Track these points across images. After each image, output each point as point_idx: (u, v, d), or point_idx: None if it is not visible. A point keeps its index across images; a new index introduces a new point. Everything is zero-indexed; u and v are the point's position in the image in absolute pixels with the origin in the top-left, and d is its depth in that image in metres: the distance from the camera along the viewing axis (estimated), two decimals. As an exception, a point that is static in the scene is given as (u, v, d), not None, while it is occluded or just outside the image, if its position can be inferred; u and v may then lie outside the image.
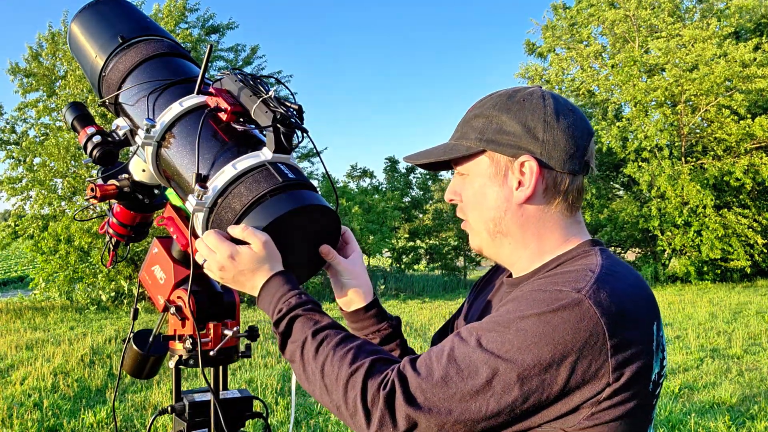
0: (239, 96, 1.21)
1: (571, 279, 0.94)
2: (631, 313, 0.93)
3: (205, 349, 1.28)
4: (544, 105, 1.04)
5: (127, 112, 1.37)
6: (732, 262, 14.98)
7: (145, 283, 1.40)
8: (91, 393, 5.75)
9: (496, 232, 1.08)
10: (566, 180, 1.05)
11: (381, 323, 1.28)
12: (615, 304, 0.90)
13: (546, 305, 0.90)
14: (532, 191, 1.04)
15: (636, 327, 0.92)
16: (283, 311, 1.07)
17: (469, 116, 1.10)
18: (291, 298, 1.08)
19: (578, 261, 1.02)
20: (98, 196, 1.38)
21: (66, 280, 12.88)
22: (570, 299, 0.89)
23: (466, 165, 1.09)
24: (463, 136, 1.09)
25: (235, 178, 1.15)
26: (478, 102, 1.11)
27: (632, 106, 15.92)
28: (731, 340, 7.84)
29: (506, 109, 1.05)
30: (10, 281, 23.12)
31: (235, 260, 1.11)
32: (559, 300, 0.90)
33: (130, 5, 1.53)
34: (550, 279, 0.96)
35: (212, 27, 15.31)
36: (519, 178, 1.04)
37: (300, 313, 1.06)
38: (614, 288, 0.93)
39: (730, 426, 4.72)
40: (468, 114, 1.11)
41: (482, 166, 1.07)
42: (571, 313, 0.88)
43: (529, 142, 1.03)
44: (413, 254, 18.60)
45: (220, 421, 1.28)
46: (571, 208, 1.07)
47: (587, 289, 0.91)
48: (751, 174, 14.76)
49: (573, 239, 1.08)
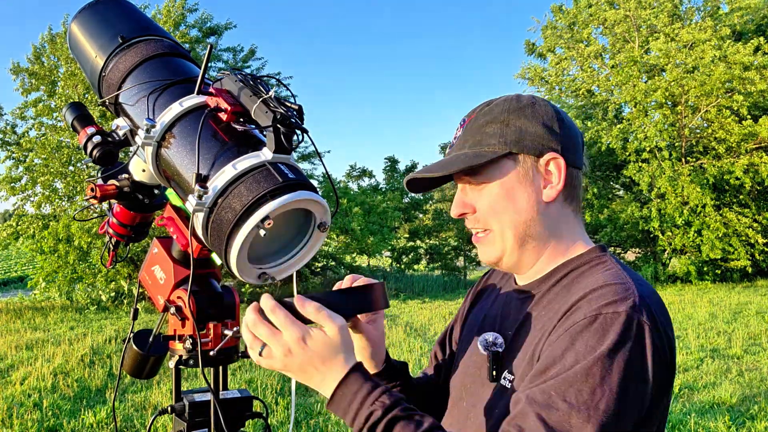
0: (239, 96, 1.21)
1: (616, 295, 0.93)
2: (666, 319, 0.97)
3: (205, 349, 1.28)
4: (551, 106, 1.10)
5: (127, 112, 1.37)
6: (732, 262, 14.98)
7: (145, 283, 1.40)
8: (91, 393, 5.75)
9: (525, 236, 1.07)
10: (580, 176, 1.10)
11: (389, 383, 1.26)
12: (658, 315, 0.94)
13: (613, 334, 0.89)
14: (563, 186, 1.06)
15: (669, 334, 0.96)
16: (378, 414, 0.91)
17: (480, 124, 1.09)
18: (382, 397, 0.92)
19: (597, 268, 1.04)
20: (98, 196, 1.38)
21: (66, 280, 12.89)
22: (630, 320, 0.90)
23: (485, 173, 1.07)
24: (479, 143, 1.08)
25: (235, 178, 1.15)
26: (480, 111, 1.11)
27: (632, 106, 15.92)
28: (731, 340, 7.84)
29: (521, 113, 1.07)
30: (10, 281, 23.13)
31: (307, 345, 0.92)
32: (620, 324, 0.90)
33: (130, 5, 1.53)
34: (592, 299, 0.94)
35: (210, 28, 15.34)
36: (545, 176, 1.06)
37: (399, 414, 0.91)
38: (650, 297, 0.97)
39: (730, 426, 4.72)
40: (475, 123, 1.10)
41: (507, 170, 1.07)
42: (638, 335, 0.90)
43: (551, 140, 1.06)
44: (413, 254, 18.61)
45: (220, 421, 1.27)
46: (579, 207, 1.11)
47: (638, 305, 0.92)
48: (751, 173, 14.76)
49: (579, 242, 1.11)
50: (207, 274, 1.37)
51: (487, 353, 1.09)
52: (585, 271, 1.05)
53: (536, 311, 1.07)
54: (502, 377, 1.06)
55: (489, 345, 1.09)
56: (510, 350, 1.08)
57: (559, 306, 1.00)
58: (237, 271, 1.15)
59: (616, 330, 0.89)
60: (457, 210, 1.11)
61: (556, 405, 0.87)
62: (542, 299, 1.07)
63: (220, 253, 1.17)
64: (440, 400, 1.27)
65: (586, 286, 0.99)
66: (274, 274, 1.21)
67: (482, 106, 1.12)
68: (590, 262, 1.06)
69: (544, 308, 1.05)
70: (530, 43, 20.08)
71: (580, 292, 0.97)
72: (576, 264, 1.07)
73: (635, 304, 0.91)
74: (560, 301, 1.02)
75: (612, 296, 0.93)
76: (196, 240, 1.27)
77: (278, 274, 1.21)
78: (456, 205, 1.11)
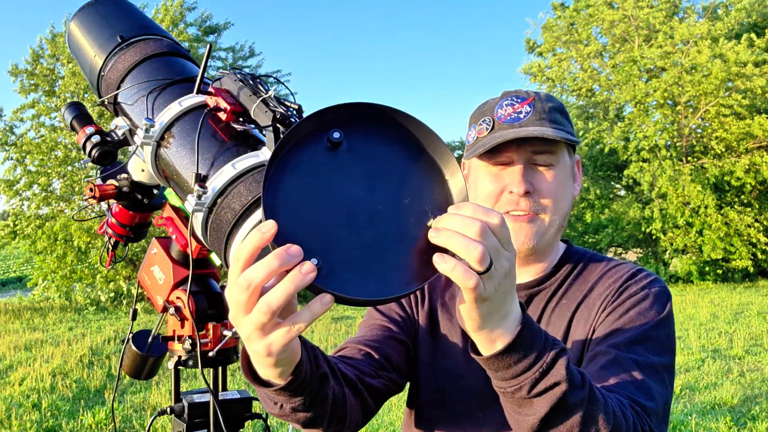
0: (239, 95, 1.21)
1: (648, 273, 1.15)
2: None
3: (204, 349, 1.27)
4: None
5: (126, 112, 1.37)
6: (734, 262, 14.98)
7: (144, 284, 1.39)
8: (90, 394, 5.74)
9: (562, 225, 1.15)
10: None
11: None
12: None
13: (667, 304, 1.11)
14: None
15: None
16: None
17: (549, 107, 1.13)
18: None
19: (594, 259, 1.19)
20: (97, 196, 1.38)
21: (64, 281, 12.89)
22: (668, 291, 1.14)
23: (553, 156, 1.11)
24: (556, 121, 1.13)
25: (234, 177, 1.15)
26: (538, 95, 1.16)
27: (633, 106, 15.94)
28: (733, 341, 7.84)
29: (565, 111, 1.17)
30: (9, 281, 23.13)
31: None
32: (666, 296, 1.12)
33: (129, 4, 1.53)
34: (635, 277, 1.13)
35: (210, 27, 15.37)
36: (576, 173, 1.18)
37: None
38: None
39: (731, 427, 4.71)
40: (545, 104, 1.14)
41: (566, 160, 1.14)
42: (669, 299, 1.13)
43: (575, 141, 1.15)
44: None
45: (220, 422, 1.27)
46: None
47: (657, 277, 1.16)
48: (753, 173, 14.77)
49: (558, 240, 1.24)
50: (206, 274, 1.36)
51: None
52: (587, 264, 1.17)
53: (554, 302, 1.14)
54: None
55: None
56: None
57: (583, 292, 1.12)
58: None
59: (663, 301, 1.11)
60: (526, 186, 1.08)
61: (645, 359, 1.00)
62: (557, 293, 1.14)
63: (219, 254, 1.16)
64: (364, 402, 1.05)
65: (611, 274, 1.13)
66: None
67: (531, 91, 1.17)
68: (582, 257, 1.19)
69: (563, 297, 1.13)
70: (530, 41, 20.08)
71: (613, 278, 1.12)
72: (574, 259, 1.18)
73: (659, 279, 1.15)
74: (580, 288, 1.13)
75: (646, 274, 1.13)
76: (195, 240, 1.26)
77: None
78: (524, 181, 1.08)
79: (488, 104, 1.18)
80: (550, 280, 1.15)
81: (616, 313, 1.07)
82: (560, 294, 1.13)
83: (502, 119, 1.11)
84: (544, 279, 1.15)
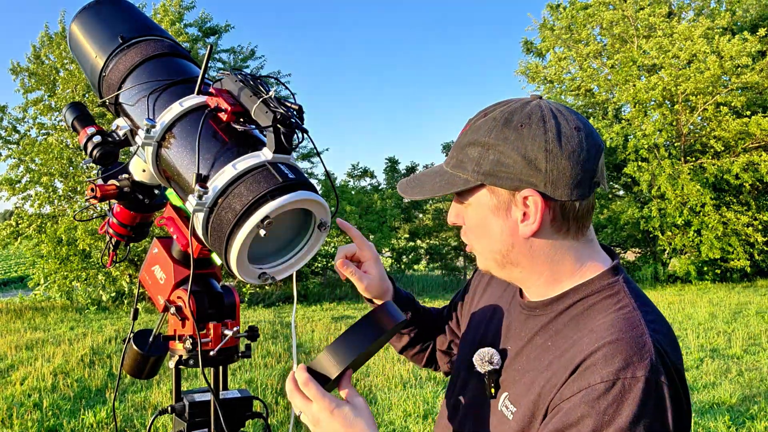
0: (239, 96, 1.21)
1: (632, 354, 0.89)
2: (681, 365, 0.95)
3: (205, 349, 1.28)
4: (545, 130, 0.96)
5: (128, 112, 1.37)
6: (732, 262, 14.99)
7: (145, 284, 1.40)
8: (91, 393, 5.75)
9: (504, 262, 1.04)
10: (575, 206, 0.99)
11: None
12: (675, 367, 0.92)
13: (631, 403, 0.86)
14: (538, 226, 0.98)
15: (685, 378, 0.95)
16: None
17: (465, 142, 1.02)
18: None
19: (607, 301, 0.99)
20: (98, 196, 1.38)
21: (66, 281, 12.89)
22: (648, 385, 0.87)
23: (466, 195, 1.04)
24: (459, 165, 1.02)
25: (235, 178, 1.15)
26: (473, 123, 1.03)
27: (632, 106, 15.94)
28: (731, 340, 7.84)
29: (503, 137, 0.97)
30: (10, 281, 23.13)
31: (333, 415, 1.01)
32: (638, 391, 0.87)
33: (129, 5, 1.53)
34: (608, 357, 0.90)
35: (210, 28, 15.37)
36: (523, 209, 0.98)
37: None
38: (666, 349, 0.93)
39: (729, 426, 4.72)
40: (463, 138, 1.03)
41: (483, 199, 1.01)
42: (657, 400, 0.87)
43: (531, 174, 0.95)
44: (413, 254, 18.61)
45: (220, 421, 1.28)
46: (581, 230, 1.02)
47: (655, 365, 0.89)
48: (751, 172, 14.77)
49: (589, 263, 1.04)
50: (207, 274, 1.37)
51: (484, 371, 1.07)
52: (595, 303, 0.99)
53: (542, 338, 1.03)
54: (501, 401, 1.04)
55: (485, 363, 1.07)
56: (509, 370, 1.06)
57: (567, 345, 0.97)
58: (237, 271, 1.15)
59: (635, 398, 0.86)
60: (451, 219, 1.09)
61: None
62: (550, 325, 1.03)
63: (220, 253, 1.17)
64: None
65: (597, 329, 0.95)
66: (274, 274, 1.21)
67: (481, 114, 1.04)
68: (600, 292, 1.00)
69: (551, 338, 1.01)
70: (528, 41, 20.08)
71: (592, 337, 0.94)
72: (586, 292, 1.01)
73: (653, 364, 0.88)
74: (568, 336, 0.99)
75: (629, 356, 0.89)
76: (196, 240, 1.27)
77: (278, 274, 1.22)
78: (450, 214, 1.09)
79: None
80: (552, 306, 1.04)
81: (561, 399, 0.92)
82: (551, 331, 1.02)
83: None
84: (546, 303, 1.05)
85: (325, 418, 1.01)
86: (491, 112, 1.02)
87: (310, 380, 1.03)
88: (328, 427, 1.01)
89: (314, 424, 1.03)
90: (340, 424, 1.01)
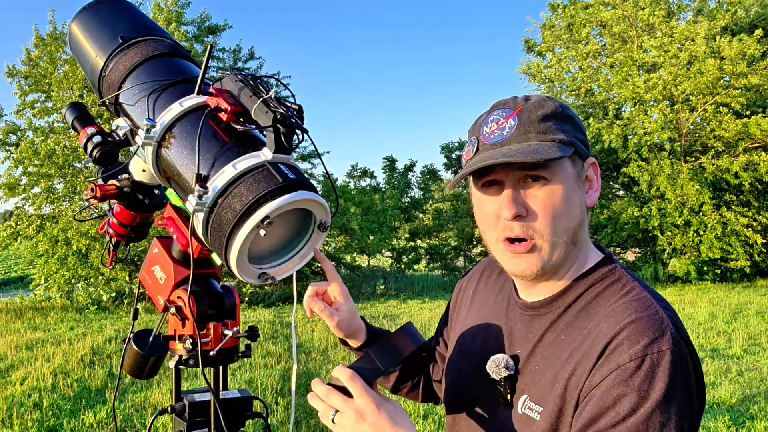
0: (239, 96, 1.21)
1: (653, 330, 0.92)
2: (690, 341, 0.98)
3: (205, 349, 1.28)
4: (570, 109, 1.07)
5: (128, 112, 1.37)
6: (732, 262, 14.98)
7: (145, 284, 1.40)
8: (91, 393, 5.75)
9: (571, 243, 1.02)
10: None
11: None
12: (687, 336, 0.96)
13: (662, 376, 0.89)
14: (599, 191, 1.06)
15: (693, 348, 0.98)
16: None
17: (538, 116, 1.01)
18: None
19: (613, 287, 1.02)
20: (98, 196, 1.38)
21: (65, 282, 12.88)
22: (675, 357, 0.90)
23: (552, 170, 0.99)
24: (546, 136, 0.99)
25: (235, 178, 1.15)
26: (528, 103, 1.03)
27: (632, 105, 15.93)
28: (731, 340, 7.84)
29: (563, 113, 1.04)
30: (10, 281, 23.13)
31: (380, 410, 0.99)
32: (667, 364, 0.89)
33: (130, 5, 1.53)
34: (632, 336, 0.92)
35: (209, 27, 15.36)
36: (590, 180, 1.05)
37: None
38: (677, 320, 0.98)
39: (729, 426, 4.72)
40: (532, 114, 1.02)
41: (568, 170, 1.01)
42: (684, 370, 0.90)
43: (587, 144, 1.06)
44: (413, 254, 18.60)
45: (220, 421, 1.28)
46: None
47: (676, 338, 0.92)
48: (750, 171, 14.76)
49: (590, 250, 1.09)
50: (207, 274, 1.37)
51: (500, 378, 1.05)
52: (602, 291, 1.02)
53: (553, 334, 1.02)
54: (521, 404, 1.02)
55: (501, 369, 1.05)
56: (526, 374, 1.04)
57: (583, 334, 0.98)
58: (237, 271, 1.15)
59: (665, 370, 0.89)
60: (516, 210, 1.00)
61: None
62: (559, 320, 1.03)
63: (220, 253, 1.17)
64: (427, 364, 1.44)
65: (612, 314, 0.96)
66: (275, 274, 1.21)
67: (521, 99, 1.04)
68: (604, 280, 1.03)
69: (563, 332, 1.01)
70: (529, 40, 20.07)
71: (610, 322, 0.95)
72: (591, 282, 1.03)
73: (674, 338, 0.91)
74: (582, 326, 0.99)
75: (651, 332, 0.92)
76: (196, 240, 1.27)
77: (278, 273, 1.22)
78: (513, 204, 1.00)
79: (478, 120, 1.09)
80: (557, 302, 1.04)
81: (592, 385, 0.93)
82: (562, 325, 1.02)
83: (486, 138, 1.04)
84: (550, 300, 1.05)
85: (371, 411, 0.99)
86: (531, 100, 1.05)
87: (355, 375, 1.01)
88: (374, 421, 0.99)
89: (357, 419, 0.99)
90: (386, 420, 0.99)
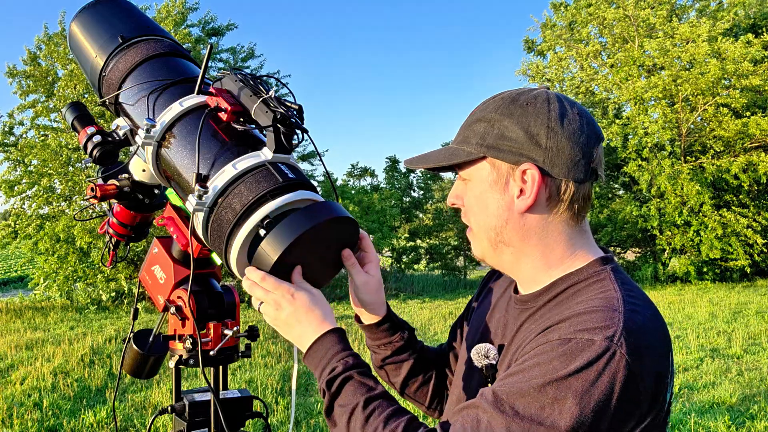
0: (239, 96, 1.21)
1: (597, 323, 0.90)
2: (656, 350, 0.92)
3: (205, 348, 1.28)
4: (549, 109, 1.01)
5: (128, 112, 1.37)
6: (731, 262, 14.98)
7: (145, 283, 1.40)
8: (91, 393, 5.75)
9: (497, 241, 1.06)
10: (570, 188, 1.01)
11: (393, 336, 1.30)
12: (644, 347, 0.90)
13: (580, 361, 0.87)
14: (534, 200, 1.01)
15: (660, 364, 0.92)
16: (338, 370, 1.03)
17: (472, 120, 1.07)
18: (347, 357, 1.05)
19: (593, 287, 1.00)
20: (98, 196, 1.38)
21: (65, 282, 12.88)
22: (602, 350, 0.87)
23: (468, 170, 1.06)
24: (464, 140, 1.07)
25: (235, 177, 1.15)
26: (482, 104, 1.08)
27: (632, 105, 15.94)
28: (731, 340, 7.84)
29: (509, 113, 1.02)
30: (10, 281, 23.13)
31: (294, 298, 1.09)
32: (591, 353, 0.87)
33: (130, 5, 1.53)
34: (574, 323, 0.92)
35: (214, 29, 15.36)
36: (521, 186, 1.01)
37: (354, 375, 1.03)
38: (641, 328, 0.91)
39: (729, 426, 4.72)
40: (470, 117, 1.08)
41: (483, 173, 1.04)
42: (607, 366, 0.86)
43: (532, 149, 1.00)
44: (413, 254, 18.60)
45: (220, 421, 1.28)
46: (576, 216, 1.03)
47: (618, 336, 0.88)
48: (750, 172, 14.76)
49: (580, 252, 1.05)
50: (207, 273, 1.37)
51: (481, 365, 1.08)
52: (581, 289, 1.01)
53: (529, 324, 1.04)
54: None
55: (481, 357, 1.09)
56: (504, 362, 1.07)
57: (545, 322, 0.98)
58: (237, 271, 1.15)
59: (584, 357, 0.86)
60: (450, 200, 1.12)
61: (503, 408, 0.89)
62: (537, 313, 1.04)
63: (220, 253, 1.17)
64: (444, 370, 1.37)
65: (575, 307, 0.96)
66: (274, 274, 1.20)
67: (491, 98, 1.09)
68: (588, 279, 1.02)
69: (535, 322, 1.03)
70: (529, 40, 20.05)
71: (568, 312, 0.95)
72: (574, 280, 1.03)
73: (614, 335, 0.88)
74: (549, 317, 0.99)
75: (593, 323, 0.90)
76: (196, 240, 1.27)
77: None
78: (450, 194, 1.12)
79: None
80: (541, 297, 1.06)
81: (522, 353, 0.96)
82: (536, 317, 1.04)
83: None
84: (536, 295, 1.07)
85: (287, 300, 1.09)
86: (501, 95, 1.07)
87: (266, 275, 1.10)
88: (289, 309, 1.09)
89: (276, 308, 1.09)
90: (302, 305, 1.09)
